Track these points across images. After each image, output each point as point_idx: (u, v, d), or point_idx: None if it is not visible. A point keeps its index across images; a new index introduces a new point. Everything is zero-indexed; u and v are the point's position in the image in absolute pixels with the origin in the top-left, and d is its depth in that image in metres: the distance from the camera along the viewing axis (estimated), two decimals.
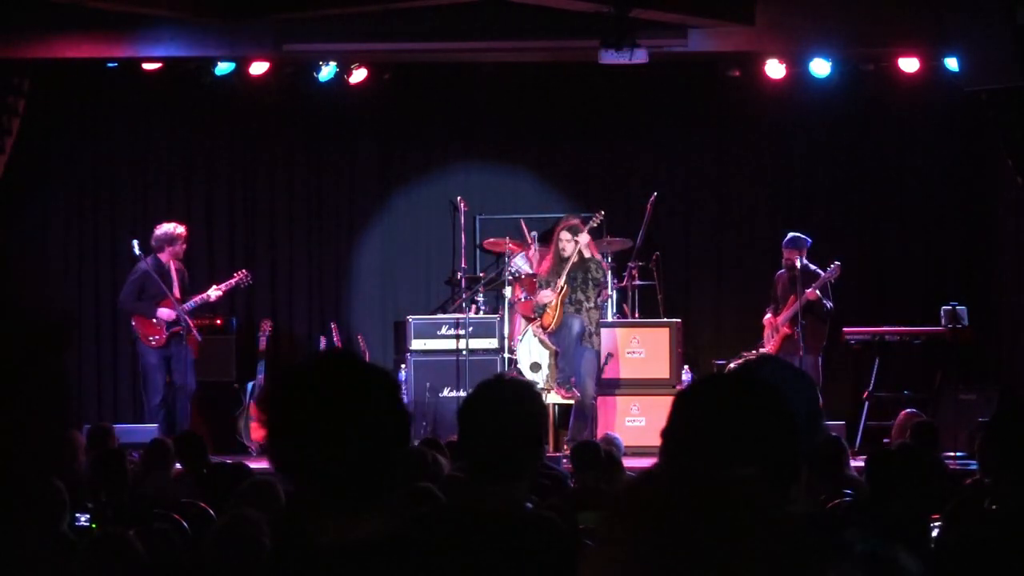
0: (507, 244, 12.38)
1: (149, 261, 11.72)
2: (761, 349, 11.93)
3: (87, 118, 13.55)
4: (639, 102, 13.48)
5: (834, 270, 11.68)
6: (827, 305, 11.75)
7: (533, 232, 12.64)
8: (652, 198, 12.23)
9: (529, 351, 11.92)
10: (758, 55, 12.33)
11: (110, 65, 12.54)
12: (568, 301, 11.17)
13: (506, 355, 12.04)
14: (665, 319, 12.06)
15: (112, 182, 13.64)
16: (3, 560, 4.75)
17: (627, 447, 9.98)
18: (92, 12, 11.30)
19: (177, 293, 11.80)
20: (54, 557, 4.83)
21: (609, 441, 9.13)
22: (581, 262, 11.12)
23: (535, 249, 12.35)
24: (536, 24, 11.62)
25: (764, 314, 12.12)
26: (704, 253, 13.71)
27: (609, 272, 12.21)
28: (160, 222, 12.16)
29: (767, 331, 12.04)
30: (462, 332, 11.81)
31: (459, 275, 12.90)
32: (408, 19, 11.77)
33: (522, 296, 11.96)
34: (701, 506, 1.51)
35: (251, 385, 12.61)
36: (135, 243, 11.78)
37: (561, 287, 11.12)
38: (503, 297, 12.38)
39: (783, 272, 11.94)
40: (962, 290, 12.71)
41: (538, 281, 11.43)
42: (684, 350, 12.08)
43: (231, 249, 13.73)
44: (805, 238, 11.85)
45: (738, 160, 13.67)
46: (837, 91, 12.81)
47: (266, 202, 13.80)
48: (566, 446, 10.70)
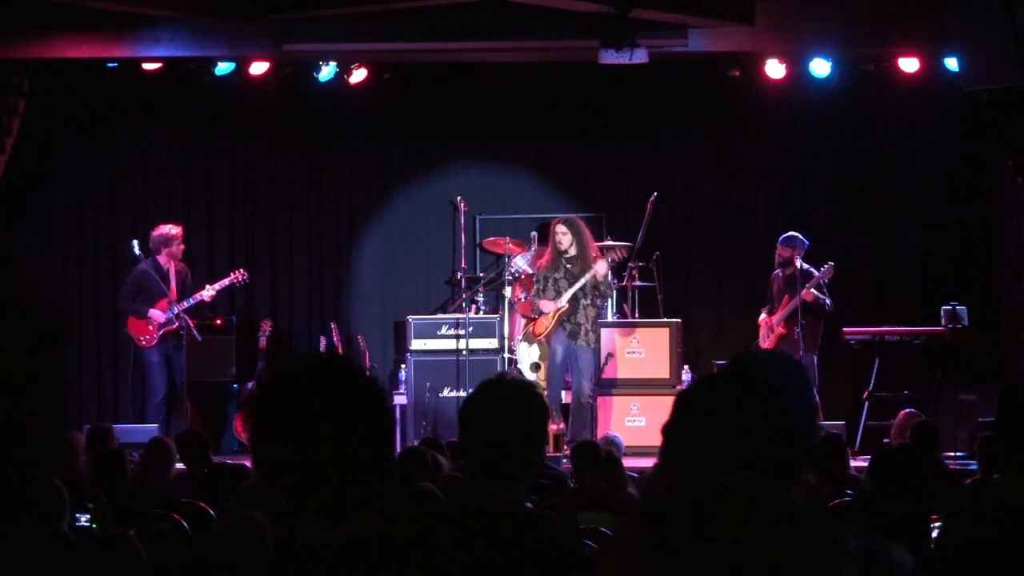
0: (507, 244, 12.39)
1: (149, 262, 11.74)
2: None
3: (87, 118, 13.54)
4: (639, 102, 13.48)
5: (827, 270, 11.68)
6: (827, 303, 11.74)
7: (532, 232, 12.65)
8: (652, 198, 12.22)
9: (529, 351, 11.94)
10: (758, 55, 12.33)
11: (110, 65, 12.54)
12: (566, 319, 11.13)
13: (506, 355, 12.04)
14: (665, 319, 12.06)
15: (112, 182, 13.64)
16: (3, 560, 4.75)
17: (627, 447, 9.98)
18: (92, 12, 11.30)
19: (175, 294, 11.81)
20: (54, 557, 4.83)
21: (609, 441, 9.12)
22: (594, 286, 11.10)
23: (535, 249, 12.35)
24: (536, 24, 11.62)
25: (759, 314, 12.13)
26: (704, 253, 13.71)
27: (609, 272, 12.22)
28: (160, 222, 12.18)
29: (762, 331, 12.05)
30: (462, 332, 11.81)
31: (459, 275, 12.90)
32: (408, 19, 11.77)
33: (522, 296, 11.96)
34: (702, 523, 1.51)
35: (251, 385, 12.63)
36: (135, 243, 11.79)
37: (561, 306, 11.07)
38: (503, 297, 12.39)
39: (778, 272, 11.94)
40: (962, 290, 12.71)
41: (536, 276, 11.39)
42: (684, 350, 12.08)
43: (231, 249, 13.73)
44: (802, 239, 11.85)
45: (738, 160, 13.67)
46: (837, 91, 12.81)
47: (266, 202, 13.80)
48: (566, 446, 10.69)
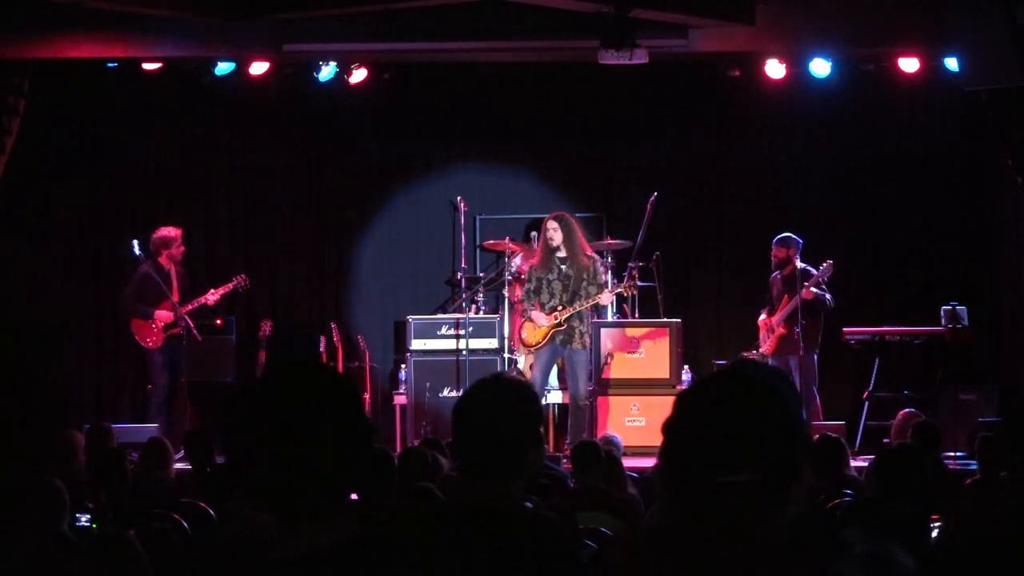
0: (507, 244, 12.39)
1: (150, 264, 11.73)
2: (759, 349, 11.95)
3: (87, 118, 13.54)
4: (639, 102, 13.48)
5: (827, 268, 11.68)
6: (828, 300, 11.74)
7: (533, 232, 12.64)
8: (652, 198, 12.22)
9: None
10: (758, 55, 12.33)
11: (110, 65, 12.53)
12: (558, 325, 11.10)
13: (506, 355, 12.04)
14: (665, 319, 12.06)
15: (112, 182, 13.63)
16: (3, 560, 4.75)
17: (627, 447, 9.98)
18: (92, 12, 11.30)
19: (176, 296, 11.83)
20: (54, 557, 4.83)
21: (609, 441, 9.12)
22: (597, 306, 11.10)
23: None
24: (536, 24, 11.62)
25: (759, 316, 12.14)
26: (704, 253, 13.71)
27: (609, 272, 12.21)
28: (160, 223, 12.18)
29: (762, 332, 12.05)
30: (462, 332, 11.81)
31: (459, 275, 12.89)
32: (408, 19, 11.77)
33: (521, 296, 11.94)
34: (702, 523, 1.51)
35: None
36: (135, 244, 11.78)
37: (559, 322, 11.04)
38: (503, 297, 12.39)
39: (777, 274, 11.95)
40: (962, 290, 12.71)
41: (528, 275, 11.29)
42: (684, 350, 12.08)
43: (231, 249, 13.73)
44: (796, 238, 11.85)
45: (738, 160, 13.67)
46: (837, 91, 12.80)
47: (266, 202, 13.80)
48: (567, 447, 10.68)
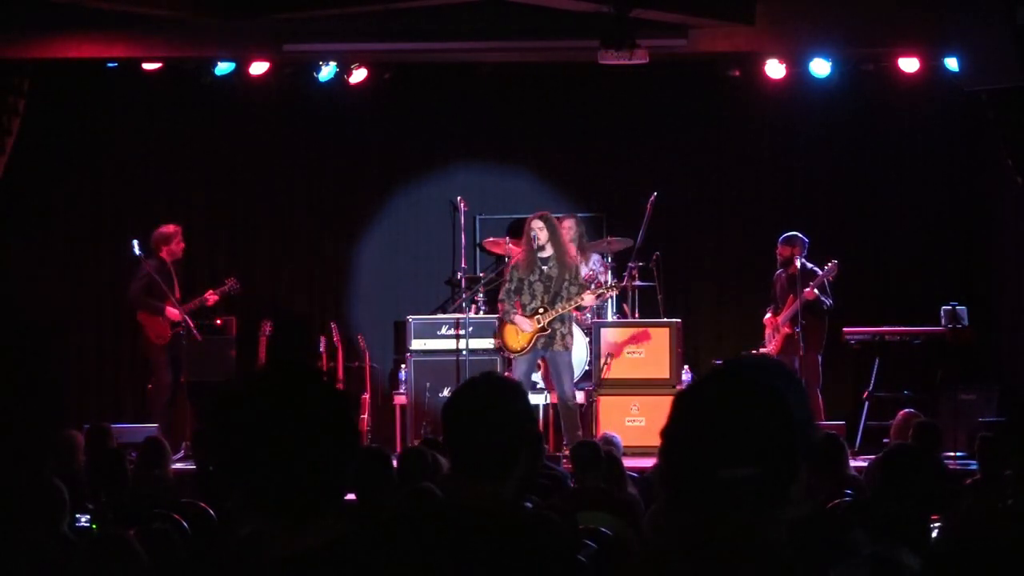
0: (507, 244, 12.38)
1: (153, 263, 11.72)
2: (763, 349, 11.95)
3: (87, 118, 13.54)
4: (639, 102, 13.48)
5: (831, 268, 11.69)
6: (826, 303, 11.75)
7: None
8: (652, 198, 12.22)
9: None
10: (758, 55, 12.33)
11: (110, 65, 12.53)
12: (542, 329, 11.07)
13: (506, 355, 12.01)
14: (665, 319, 12.05)
15: (112, 182, 13.63)
16: (3, 560, 4.75)
17: (627, 447, 9.98)
18: (92, 12, 11.29)
19: (178, 294, 11.84)
20: (54, 557, 4.83)
21: (609, 441, 9.12)
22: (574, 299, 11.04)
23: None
24: (536, 24, 11.62)
25: (764, 314, 12.14)
26: (704, 253, 13.71)
27: (609, 272, 12.21)
28: (159, 222, 12.18)
29: (768, 331, 12.06)
30: (462, 332, 11.81)
31: (459, 275, 12.89)
32: (408, 19, 11.77)
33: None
34: (702, 522, 1.51)
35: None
36: (135, 243, 11.77)
37: (542, 326, 11.02)
38: None
39: (781, 272, 11.95)
40: (962, 290, 12.71)
41: (510, 275, 11.23)
42: (684, 350, 12.07)
43: (231, 249, 13.73)
44: (802, 237, 11.86)
45: (738, 160, 13.66)
46: (837, 91, 12.81)
47: (266, 202, 13.80)
48: (567, 447, 10.65)
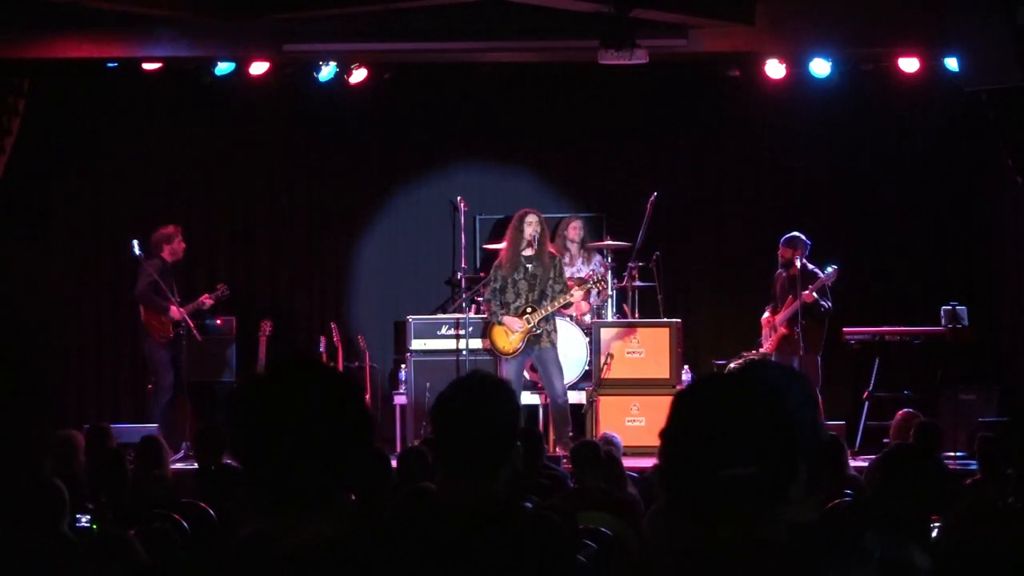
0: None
1: (155, 263, 11.71)
2: (760, 348, 11.95)
3: (87, 118, 13.54)
4: (639, 102, 13.48)
5: (832, 274, 11.68)
6: (825, 306, 11.75)
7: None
8: (652, 198, 12.22)
9: None
10: (758, 55, 12.33)
11: (110, 65, 12.53)
12: (531, 329, 11.08)
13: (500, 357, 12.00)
14: (665, 319, 12.05)
15: (112, 182, 13.63)
16: (3, 560, 4.75)
17: (627, 447, 9.97)
18: (92, 12, 11.29)
19: (177, 294, 11.83)
20: (54, 557, 4.83)
21: (609, 441, 9.11)
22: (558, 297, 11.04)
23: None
24: (536, 24, 11.62)
25: (762, 313, 12.14)
26: (704, 253, 13.71)
27: (609, 272, 12.20)
28: (159, 223, 12.18)
29: (765, 330, 12.06)
30: (462, 332, 11.81)
31: (459, 275, 12.89)
32: (408, 19, 11.77)
33: None
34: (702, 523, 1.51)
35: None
36: (135, 243, 11.76)
37: (532, 326, 11.03)
38: None
39: (782, 272, 11.95)
40: (962, 290, 12.71)
41: (494, 275, 11.23)
42: (684, 350, 12.07)
43: (231, 249, 13.73)
44: (804, 239, 11.85)
45: (738, 160, 13.66)
46: (837, 91, 12.81)
47: (266, 202, 13.80)
48: (558, 449, 10.63)
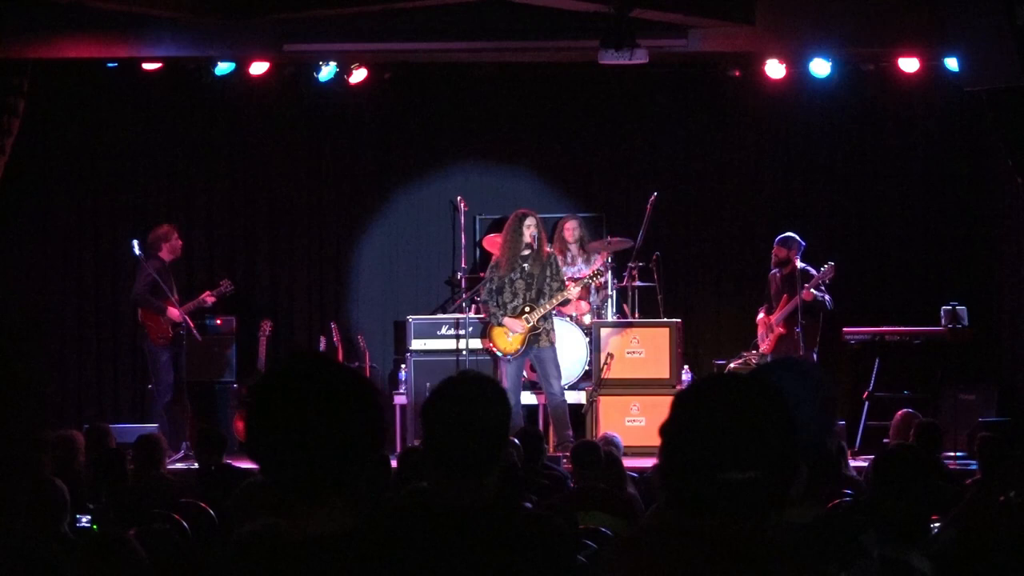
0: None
1: (154, 263, 11.70)
2: (757, 349, 11.95)
3: (87, 118, 13.53)
4: (639, 102, 13.48)
5: (828, 270, 11.68)
6: (827, 301, 11.74)
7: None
8: (652, 198, 12.22)
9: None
10: (758, 55, 12.33)
11: (110, 65, 12.53)
12: (532, 328, 11.09)
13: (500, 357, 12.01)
14: (665, 319, 12.05)
15: (112, 182, 13.62)
16: (3, 560, 4.75)
17: (627, 447, 9.97)
18: (92, 12, 11.29)
19: (176, 295, 11.82)
20: (54, 557, 4.83)
21: (609, 441, 9.12)
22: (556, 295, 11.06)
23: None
24: (536, 24, 11.62)
25: (757, 313, 12.14)
26: (704, 253, 13.71)
27: (609, 272, 12.20)
28: (160, 223, 12.17)
29: (761, 330, 12.06)
30: (462, 332, 11.81)
31: (459, 275, 12.89)
32: (408, 19, 11.76)
33: None
34: (702, 522, 1.51)
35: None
36: (135, 243, 11.76)
37: (532, 325, 11.03)
38: None
39: (776, 272, 11.95)
40: (962, 290, 12.70)
41: (491, 275, 11.25)
42: (684, 350, 12.07)
43: (231, 249, 13.73)
44: (798, 239, 11.85)
45: (738, 160, 13.66)
46: (837, 91, 12.81)
47: (266, 202, 13.79)
48: (557, 450, 10.63)
